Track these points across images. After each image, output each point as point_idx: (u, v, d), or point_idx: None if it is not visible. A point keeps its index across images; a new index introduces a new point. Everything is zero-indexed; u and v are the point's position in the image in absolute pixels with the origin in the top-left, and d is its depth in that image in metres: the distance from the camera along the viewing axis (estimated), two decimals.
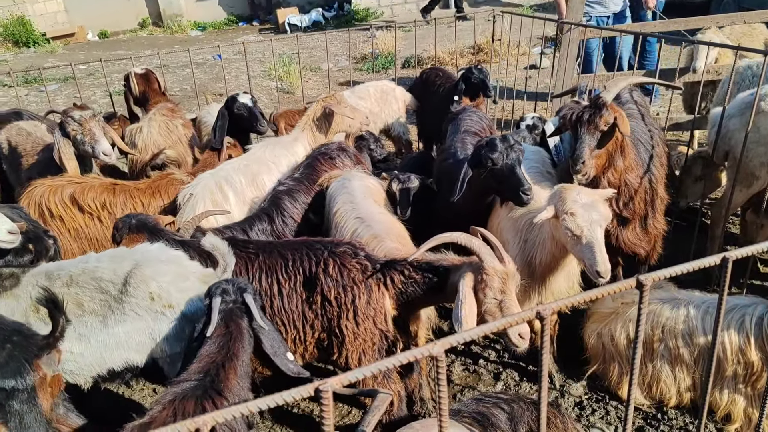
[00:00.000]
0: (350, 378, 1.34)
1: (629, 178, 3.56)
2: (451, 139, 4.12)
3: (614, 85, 3.36)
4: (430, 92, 6.05)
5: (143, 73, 5.33)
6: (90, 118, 3.91)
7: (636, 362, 1.65)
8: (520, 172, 3.16)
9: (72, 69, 5.83)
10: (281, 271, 2.96)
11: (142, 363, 2.62)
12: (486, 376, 3.67)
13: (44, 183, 3.75)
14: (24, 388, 2.13)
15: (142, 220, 3.06)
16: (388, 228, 3.18)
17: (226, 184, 3.80)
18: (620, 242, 3.77)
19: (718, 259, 1.64)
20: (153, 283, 2.52)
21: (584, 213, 2.74)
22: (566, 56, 5.72)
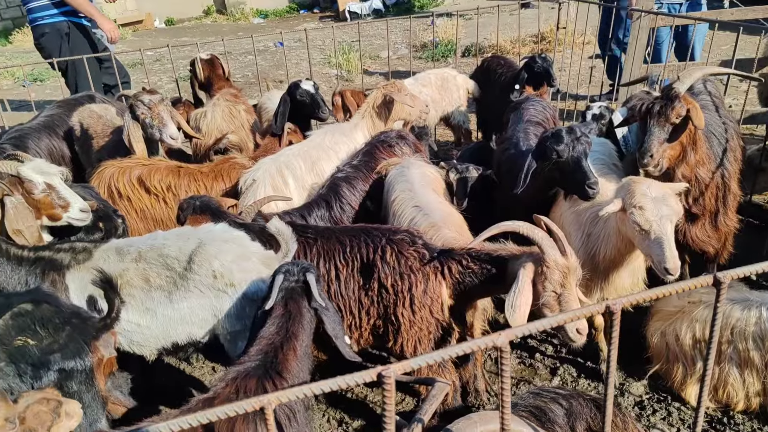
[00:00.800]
0: (412, 365, 1.33)
1: (700, 172, 3.41)
2: (513, 129, 4.04)
3: (688, 76, 3.21)
4: (491, 81, 5.95)
5: (208, 58, 5.44)
6: (159, 103, 4.02)
7: (710, 364, 1.58)
8: (586, 166, 3.07)
9: (141, 55, 6.00)
10: (339, 256, 2.97)
11: (205, 338, 2.69)
12: (542, 371, 3.60)
13: (114, 164, 3.88)
14: (83, 368, 2.22)
15: (206, 202, 3.14)
16: (446, 217, 3.15)
17: (287, 170, 3.85)
18: (688, 239, 3.63)
19: None
20: (216, 261, 2.59)
21: (654, 207, 2.64)
22: (635, 45, 5.52)
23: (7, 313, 2.14)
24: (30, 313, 2.19)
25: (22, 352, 2.12)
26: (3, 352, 2.10)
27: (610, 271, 3.07)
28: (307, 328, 2.29)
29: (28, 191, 2.97)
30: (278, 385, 2.06)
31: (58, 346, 2.16)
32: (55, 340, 2.16)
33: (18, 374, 2.10)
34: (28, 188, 2.97)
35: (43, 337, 2.16)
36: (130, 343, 2.73)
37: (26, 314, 2.18)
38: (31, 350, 2.13)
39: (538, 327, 1.41)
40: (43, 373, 2.13)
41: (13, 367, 2.10)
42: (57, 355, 2.15)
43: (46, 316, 2.21)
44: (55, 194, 3.03)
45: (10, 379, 2.09)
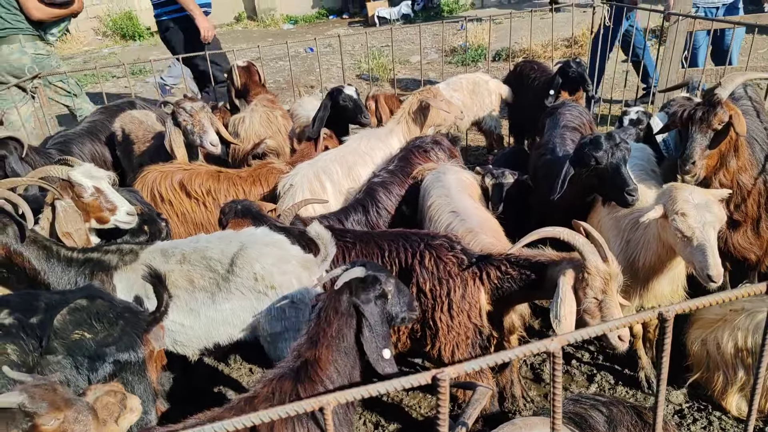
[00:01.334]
0: (466, 368, 1.35)
1: (742, 178, 3.37)
2: (549, 134, 4.03)
3: (730, 81, 3.18)
4: (524, 86, 5.93)
5: (245, 65, 5.53)
6: (200, 110, 4.11)
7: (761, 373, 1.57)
8: (625, 172, 3.05)
9: (181, 62, 6.13)
10: (377, 261, 3.00)
11: (245, 339, 2.74)
12: (579, 377, 3.58)
13: (156, 169, 3.98)
14: (136, 360, 2.31)
15: (247, 206, 3.20)
16: (483, 222, 3.16)
17: (324, 175, 3.90)
18: (729, 246, 3.58)
19: None
20: (257, 264, 2.64)
21: (697, 214, 2.61)
22: (672, 49, 5.46)
23: (65, 309, 2.23)
24: (86, 308, 2.28)
25: (79, 345, 2.21)
26: (61, 346, 2.19)
27: (649, 278, 3.05)
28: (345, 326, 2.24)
29: (78, 195, 3.07)
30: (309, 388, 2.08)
31: (113, 339, 2.25)
32: (109, 333, 2.26)
33: (75, 366, 2.19)
34: (78, 192, 3.07)
35: (98, 330, 2.25)
36: (174, 343, 2.80)
37: (82, 309, 2.28)
38: (88, 343, 2.22)
39: (590, 333, 1.42)
40: (99, 365, 2.22)
41: (70, 359, 2.20)
42: (112, 348, 2.24)
43: (101, 310, 2.30)
44: (103, 198, 3.13)
45: (68, 371, 2.19)
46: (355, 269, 2.28)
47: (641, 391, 3.43)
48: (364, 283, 2.25)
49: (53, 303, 2.29)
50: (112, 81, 11.05)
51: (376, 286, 2.26)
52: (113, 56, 13.74)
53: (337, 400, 1.28)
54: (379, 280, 2.27)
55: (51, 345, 2.19)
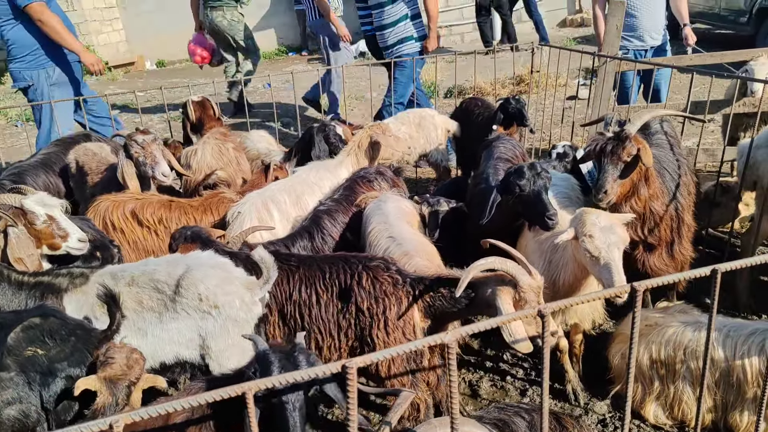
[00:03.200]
0: (372, 359, 1.56)
1: (654, 205, 3.70)
2: (485, 166, 4.32)
3: (638, 118, 3.53)
4: (469, 121, 6.27)
5: (200, 100, 5.74)
6: (151, 142, 4.29)
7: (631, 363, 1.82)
8: (545, 199, 3.35)
9: (135, 96, 6.30)
10: (319, 282, 3.20)
11: (191, 358, 2.88)
12: (513, 392, 3.81)
13: (108, 198, 4.11)
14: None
15: (197, 232, 3.37)
16: (419, 247, 3.40)
17: (272, 203, 4.10)
18: (647, 267, 3.90)
19: (708, 270, 1.82)
20: (201, 285, 2.79)
21: (602, 235, 2.90)
22: (602, 88, 5.88)
23: (18, 326, 2.34)
24: (39, 326, 2.39)
25: (32, 361, 2.32)
26: (14, 363, 2.29)
27: (569, 295, 3.32)
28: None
29: (30, 222, 3.20)
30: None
31: (65, 355, 2.37)
32: (61, 349, 2.37)
33: (27, 383, 2.30)
34: (31, 219, 3.19)
35: (51, 347, 2.36)
36: None
37: (35, 327, 2.38)
38: (41, 359, 2.33)
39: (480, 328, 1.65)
40: (51, 380, 2.33)
41: (23, 376, 2.30)
42: (64, 363, 2.36)
43: (54, 328, 2.42)
44: (56, 225, 3.26)
45: (20, 388, 2.29)
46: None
47: (569, 402, 3.67)
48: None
49: (7, 322, 2.40)
50: None
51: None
52: None
53: (258, 386, 1.47)
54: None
55: (4, 362, 2.29)
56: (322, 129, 5.10)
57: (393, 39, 7.19)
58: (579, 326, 3.63)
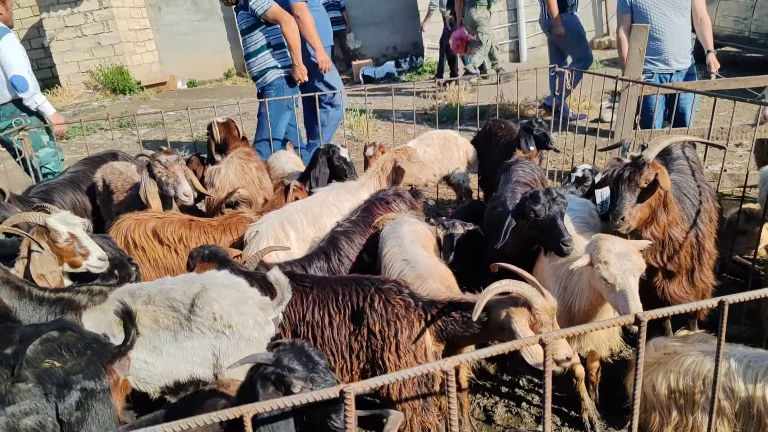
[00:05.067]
0: (371, 384, 1.58)
1: (674, 232, 3.64)
2: (503, 189, 4.32)
3: (656, 144, 3.49)
4: (491, 143, 6.28)
5: (224, 122, 5.85)
6: (174, 162, 4.39)
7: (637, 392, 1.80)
8: (560, 224, 3.33)
9: (162, 116, 6.45)
10: (332, 304, 3.22)
11: (204, 377, 2.91)
12: (528, 419, 3.76)
13: (130, 217, 4.21)
14: (102, 388, 2.45)
15: (214, 251, 3.42)
16: (432, 270, 3.40)
17: (288, 224, 4.14)
18: (666, 295, 3.83)
19: (716, 302, 1.79)
20: (216, 304, 2.83)
21: (617, 262, 2.87)
22: (624, 112, 5.85)
23: (37, 339, 2.39)
24: (56, 339, 2.44)
25: (49, 373, 2.36)
26: (32, 374, 2.34)
27: (585, 322, 3.28)
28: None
29: (53, 240, 3.29)
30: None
31: (80, 368, 2.41)
32: (77, 362, 2.41)
33: (44, 394, 2.34)
34: (53, 237, 3.29)
35: (67, 359, 2.40)
36: (137, 380, 2.95)
37: (53, 340, 2.43)
38: (57, 371, 2.37)
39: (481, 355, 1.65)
40: (66, 392, 2.37)
41: (40, 387, 2.34)
42: (80, 376, 2.40)
43: (71, 341, 2.46)
44: (77, 243, 3.35)
45: (37, 400, 2.33)
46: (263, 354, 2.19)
47: (584, 431, 3.61)
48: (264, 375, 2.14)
49: (27, 335, 2.45)
50: (99, 133, 11.37)
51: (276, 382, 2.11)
52: (102, 109, 14.12)
53: (255, 409, 1.49)
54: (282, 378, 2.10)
55: (23, 373, 2.34)
56: (326, 151, 5.17)
57: (256, 68, 7.12)
58: (596, 353, 3.58)
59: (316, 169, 5.11)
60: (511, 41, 15.56)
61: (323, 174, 5.09)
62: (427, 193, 6.77)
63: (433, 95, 12.20)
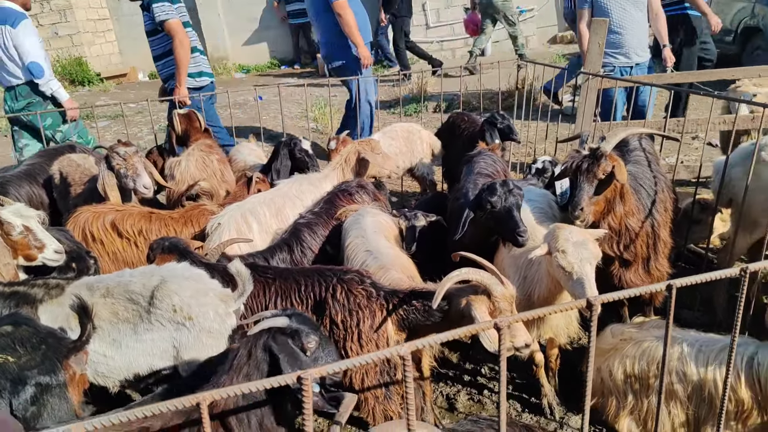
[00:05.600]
0: (329, 370, 1.59)
1: (630, 222, 3.74)
2: (464, 181, 4.36)
3: (614, 136, 3.58)
4: (455, 135, 6.33)
5: (185, 113, 5.76)
6: (133, 154, 4.31)
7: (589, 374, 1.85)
8: (516, 216, 3.39)
9: (121, 108, 6.32)
10: (295, 295, 3.23)
11: (165, 369, 2.89)
12: (490, 406, 3.83)
13: (88, 209, 4.12)
14: (57, 383, 2.41)
15: (174, 243, 3.38)
16: (395, 260, 3.42)
17: (251, 216, 4.12)
18: (623, 283, 3.93)
19: (664, 286, 1.85)
20: (176, 296, 2.81)
21: (574, 250, 2.94)
22: (584, 104, 5.96)
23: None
24: (10, 334, 2.40)
25: (3, 368, 2.32)
26: None
27: None
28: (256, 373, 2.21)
29: (6, 233, 3.21)
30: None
31: (35, 363, 2.37)
32: (32, 357, 2.37)
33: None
34: (7, 230, 3.21)
35: (21, 354, 2.36)
36: (96, 374, 2.90)
37: (7, 335, 2.39)
38: (11, 367, 2.33)
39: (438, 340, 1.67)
40: (21, 387, 2.33)
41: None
42: (34, 371, 2.36)
43: (25, 336, 2.42)
44: (32, 236, 3.27)
45: None
46: (278, 318, 2.25)
47: (544, 416, 3.69)
48: (282, 334, 2.21)
49: None
50: None
51: (294, 338, 2.22)
52: None
53: (212, 396, 1.49)
54: (299, 334, 2.21)
55: None
56: (287, 143, 5.16)
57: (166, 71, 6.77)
58: (554, 341, 3.66)
59: (277, 161, 5.08)
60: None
61: (285, 166, 5.08)
62: (390, 185, 6.79)
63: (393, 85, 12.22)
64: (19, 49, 6.11)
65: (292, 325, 2.22)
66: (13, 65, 6.22)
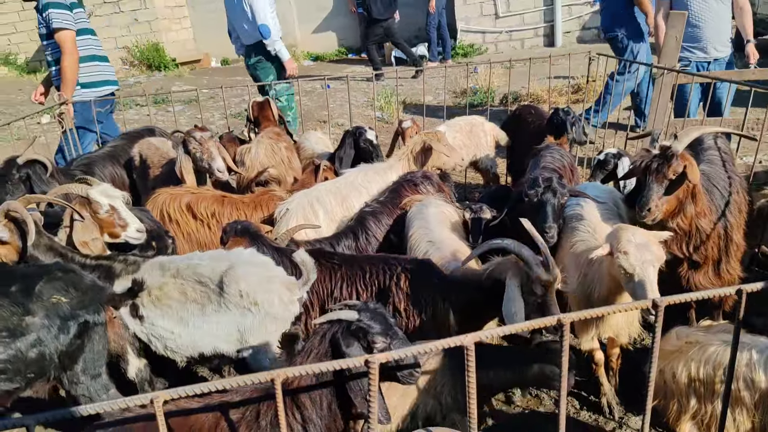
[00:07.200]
0: (394, 356, 1.66)
1: (701, 223, 3.64)
2: (529, 174, 4.35)
3: (686, 135, 3.48)
4: (521, 128, 6.28)
5: (261, 101, 5.96)
6: (209, 139, 4.51)
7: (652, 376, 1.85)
8: (548, 211, 3.47)
9: (197, 93, 6.58)
10: (360, 281, 3.32)
11: (228, 352, 3.01)
12: (547, 401, 3.83)
13: (166, 191, 4.35)
14: (100, 322, 2.76)
15: (246, 227, 3.53)
16: (455, 251, 3.47)
17: (317, 203, 4.25)
18: (691, 284, 3.84)
19: (734, 290, 1.83)
20: (243, 282, 2.91)
21: (637, 252, 2.90)
22: (658, 100, 5.79)
23: (45, 277, 2.68)
24: (62, 278, 2.72)
25: (57, 307, 2.65)
26: (40, 308, 2.61)
27: None
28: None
29: (94, 211, 3.45)
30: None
31: (84, 305, 2.71)
32: (81, 299, 2.71)
33: (48, 327, 2.62)
34: (95, 208, 3.44)
35: (73, 297, 2.69)
36: (165, 348, 3.08)
37: (60, 279, 2.71)
38: (64, 307, 2.65)
39: (500, 332, 1.72)
40: (71, 324, 2.66)
41: (47, 320, 2.62)
42: (83, 311, 2.70)
43: (75, 281, 2.76)
44: (117, 215, 3.50)
45: (42, 331, 2.60)
46: (346, 312, 2.21)
47: (603, 415, 3.67)
48: (349, 330, 2.18)
49: (28, 273, 2.74)
50: (135, 109, 11.60)
51: (360, 337, 2.17)
52: (138, 85, 14.37)
53: (286, 374, 1.58)
54: (366, 333, 2.16)
55: (31, 307, 2.60)
56: (352, 133, 5.25)
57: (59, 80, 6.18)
58: (615, 340, 3.62)
59: (341, 150, 5.18)
60: (546, 25, 15.32)
61: (348, 155, 5.17)
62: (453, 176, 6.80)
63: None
64: (254, 11, 6.89)
65: (361, 323, 2.17)
66: (251, 26, 7.03)
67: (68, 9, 5.83)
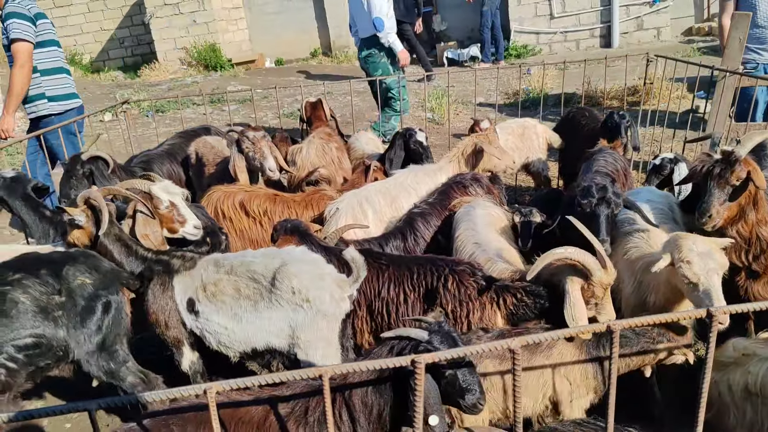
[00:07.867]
0: (440, 357, 1.67)
1: (762, 231, 3.51)
2: (582, 179, 4.28)
3: (749, 140, 3.36)
4: (574, 131, 6.17)
5: (314, 101, 6.05)
6: (261, 138, 4.61)
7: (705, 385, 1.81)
8: (601, 223, 3.39)
9: (251, 93, 6.73)
10: (407, 282, 3.34)
11: (280, 347, 3.07)
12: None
13: (220, 189, 4.47)
14: (119, 303, 3.03)
15: (296, 225, 3.60)
16: (502, 253, 3.45)
17: (366, 203, 4.29)
18: (750, 294, 3.70)
19: None
20: (295, 279, 2.96)
21: (700, 261, 2.82)
22: (719, 103, 5.61)
23: (69, 261, 2.96)
24: (86, 262, 3.01)
25: (82, 287, 2.93)
26: (66, 289, 2.87)
27: None
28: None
29: (155, 206, 3.59)
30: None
31: (105, 285, 2.99)
32: (103, 281, 2.99)
33: (74, 305, 2.90)
34: (156, 204, 3.59)
35: (96, 278, 2.98)
36: (219, 344, 3.16)
37: (83, 262, 3.00)
38: (88, 287, 2.93)
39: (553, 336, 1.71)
40: (95, 303, 2.94)
41: (72, 300, 2.89)
42: (105, 291, 2.98)
43: (97, 264, 3.05)
44: (176, 211, 3.63)
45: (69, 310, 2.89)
46: (417, 331, 2.16)
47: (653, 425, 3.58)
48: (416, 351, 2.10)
49: (54, 258, 3.02)
50: (192, 108, 11.92)
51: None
52: (195, 85, 14.77)
53: (333, 371, 1.62)
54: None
55: (59, 287, 2.88)
56: (403, 135, 5.27)
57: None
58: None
59: (392, 151, 5.22)
60: (603, 26, 15.00)
61: (398, 156, 5.20)
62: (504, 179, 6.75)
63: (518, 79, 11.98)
64: (370, 5, 7.29)
65: (430, 344, 2.10)
66: (367, 19, 7.49)
67: (31, 21, 5.55)
